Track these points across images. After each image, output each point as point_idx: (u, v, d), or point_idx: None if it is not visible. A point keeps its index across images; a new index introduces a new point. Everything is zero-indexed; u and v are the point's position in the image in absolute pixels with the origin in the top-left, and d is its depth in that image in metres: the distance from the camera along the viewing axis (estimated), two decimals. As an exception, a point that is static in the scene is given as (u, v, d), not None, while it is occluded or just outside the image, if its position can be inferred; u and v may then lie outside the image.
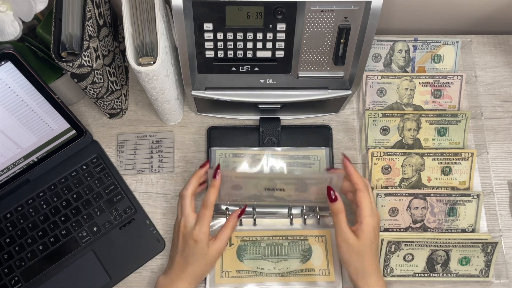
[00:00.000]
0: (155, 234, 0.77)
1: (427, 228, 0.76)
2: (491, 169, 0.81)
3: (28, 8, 0.64)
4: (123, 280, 0.75)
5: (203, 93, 0.71)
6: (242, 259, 0.75)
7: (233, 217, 0.70)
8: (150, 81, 0.65)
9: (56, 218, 0.77)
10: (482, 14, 0.88)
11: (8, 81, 0.63)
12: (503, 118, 0.85)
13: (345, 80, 0.72)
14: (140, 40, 0.65)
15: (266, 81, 0.71)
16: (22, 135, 0.71)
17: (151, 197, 0.80)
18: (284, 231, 0.76)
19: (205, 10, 0.61)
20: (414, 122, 0.80)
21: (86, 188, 0.78)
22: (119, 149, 0.81)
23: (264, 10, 0.62)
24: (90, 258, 0.76)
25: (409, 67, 0.85)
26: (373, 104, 0.83)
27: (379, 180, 0.78)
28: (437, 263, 0.74)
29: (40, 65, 0.73)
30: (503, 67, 0.88)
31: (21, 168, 0.75)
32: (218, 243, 0.68)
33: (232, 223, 0.69)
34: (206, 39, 0.65)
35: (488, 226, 0.78)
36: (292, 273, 0.74)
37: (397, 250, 0.74)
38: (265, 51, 0.67)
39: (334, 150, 0.82)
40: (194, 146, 0.82)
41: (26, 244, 0.76)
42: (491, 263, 0.74)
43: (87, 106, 0.84)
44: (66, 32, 0.64)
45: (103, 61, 0.70)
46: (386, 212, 0.76)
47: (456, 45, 0.85)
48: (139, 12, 0.65)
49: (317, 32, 0.65)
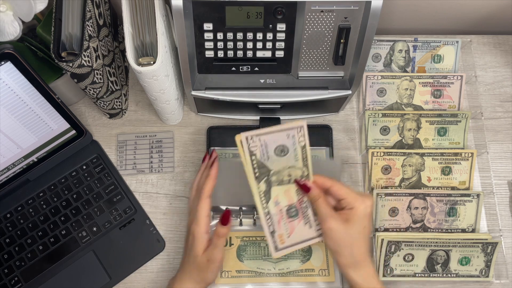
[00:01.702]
0: (155, 234, 0.77)
1: (427, 228, 0.76)
2: (491, 169, 0.81)
3: (28, 8, 0.64)
4: (123, 280, 0.75)
5: (203, 93, 0.71)
6: (242, 259, 0.75)
7: (217, 226, 0.64)
8: (150, 81, 0.65)
9: (56, 218, 0.77)
10: (482, 14, 0.88)
11: (8, 81, 0.63)
12: (503, 118, 0.85)
13: (345, 80, 0.72)
14: (140, 40, 0.65)
15: (266, 81, 0.72)
16: (22, 135, 0.71)
17: (151, 197, 0.80)
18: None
19: (205, 10, 0.61)
20: (414, 122, 0.80)
21: (86, 188, 0.78)
22: (119, 149, 0.81)
23: (264, 10, 0.62)
24: (90, 258, 0.76)
25: (409, 67, 0.85)
26: (373, 104, 0.83)
27: (379, 180, 0.78)
28: (437, 263, 0.74)
29: (40, 65, 0.73)
30: (503, 67, 0.88)
31: (21, 168, 0.75)
32: (209, 251, 0.64)
33: (219, 233, 0.64)
34: (206, 39, 0.65)
35: (488, 226, 0.78)
36: (292, 273, 0.74)
37: (397, 250, 0.74)
38: (265, 51, 0.67)
39: (334, 150, 0.82)
40: (194, 146, 0.82)
41: (26, 244, 0.75)
42: (491, 263, 0.74)
43: (87, 106, 0.84)
44: (66, 32, 0.64)
45: (103, 61, 0.70)
46: (386, 212, 0.76)
47: (456, 45, 0.85)
48: (139, 12, 0.65)
49: (317, 32, 0.65)
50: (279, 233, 0.64)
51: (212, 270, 0.64)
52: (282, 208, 0.64)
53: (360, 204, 0.61)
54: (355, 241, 0.61)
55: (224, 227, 0.63)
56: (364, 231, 0.61)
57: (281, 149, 0.61)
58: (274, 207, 0.64)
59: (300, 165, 0.63)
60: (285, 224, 0.65)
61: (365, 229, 0.61)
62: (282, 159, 0.61)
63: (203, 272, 0.64)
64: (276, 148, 0.60)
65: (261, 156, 0.60)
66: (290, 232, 0.65)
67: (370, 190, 0.78)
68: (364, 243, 0.62)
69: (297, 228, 0.65)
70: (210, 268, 0.64)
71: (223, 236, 0.64)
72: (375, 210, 0.76)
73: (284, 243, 0.65)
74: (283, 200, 0.64)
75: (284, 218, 0.64)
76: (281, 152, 0.61)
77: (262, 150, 0.60)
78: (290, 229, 0.65)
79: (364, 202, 0.61)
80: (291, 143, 0.61)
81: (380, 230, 0.76)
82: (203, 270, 0.64)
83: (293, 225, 0.65)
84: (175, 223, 0.78)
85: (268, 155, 0.61)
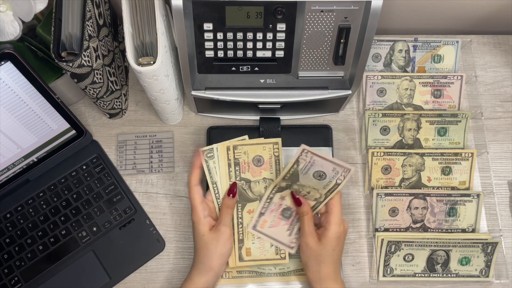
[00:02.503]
0: (155, 234, 0.77)
1: (427, 228, 0.76)
2: (491, 169, 0.81)
3: (28, 8, 0.64)
4: (123, 280, 0.75)
5: (203, 93, 0.71)
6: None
7: (225, 198, 0.70)
8: (150, 81, 0.65)
9: (56, 218, 0.77)
10: (482, 14, 0.88)
11: (8, 81, 0.63)
12: (503, 118, 0.85)
13: (345, 80, 0.72)
14: (140, 40, 0.65)
15: (266, 81, 0.71)
16: (22, 135, 0.71)
17: (151, 197, 0.80)
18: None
19: (205, 10, 0.61)
20: (414, 122, 0.80)
21: (86, 188, 0.78)
22: (119, 149, 0.81)
23: (264, 10, 0.62)
24: (90, 258, 0.76)
25: (409, 67, 0.85)
26: (373, 104, 0.83)
27: (379, 180, 0.78)
28: (437, 263, 0.74)
29: (40, 65, 0.73)
30: (503, 67, 0.88)
31: (21, 168, 0.75)
32: (216, 227, 0.68)
33: (226, 204, 0.70)
34: (206, 39, 0.65)
35: (488, 226, 0.78)
36: (293, 272, 0.74)
37: (397, 250, 0.74)
38: (265, 51, 0.67)
39: (334, 150, 0.82)
40: (194, 146, 0.82)
41: (26, 244, 0.75)
42: (491, 263, 0.74)
43: (87, 106, 0.84)
44: (66, 32, 0.64)
45: (103, 61, 0.70)
46: (386, 212, 0.76)
47: (456, 45, 0.85)
48: (139, 12, 0.65)
49: (317, 32, 0.65)
50: (265, 218, 0.71)
51: (221, 252, 0.67)
52: (282, 204, 0.71)
53: (334, 226, 0.66)
54: (323, 260, 0.66)
55: (231, 199, 0.70)
56: (333, 253, 0.66)
57: (320, 174, 0.67)
58: (278, 199, 0.71)
59: (323, 192, 0.68)
60: (274, 216, 0.71)
61: (334, 251, 0.66)
62: (314, 180, 0.67)
63: (211, 255, 0.67)
64: (317, 171, 0.66)
65: (301, 169, 0.66)
66: (274, 225, 0.71)
67: (370, 190, 0.78)
68: (331, 264, 0.66)
69: (280, 227, 0.71)
70: (219, 248, 0.67)
71: (230, 207, 0.70)
72: (375, 210, 0.76)
73: (263, 228, 0.71)
74: (288, 200, 0.71)
75: (278, 212, 0.71)
76: (319, 176, 0.67)
77: (305, 165, 0.66)
78: (275, 223, 0.71)
79: (338, 226, 0.66)
80: (331, 175, 0.66)
81: (380, 230, 0.76)
82: (211, 252, 0.67)
83: (279, 222, 0.71)
84: (175, 223, 0.78)
85: (307, 172, 0.66)
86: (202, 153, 0.71)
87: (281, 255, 0.72)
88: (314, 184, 0.68)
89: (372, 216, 0.76)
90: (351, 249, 0.77)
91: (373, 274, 0.75)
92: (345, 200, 0.80)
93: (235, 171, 0.73)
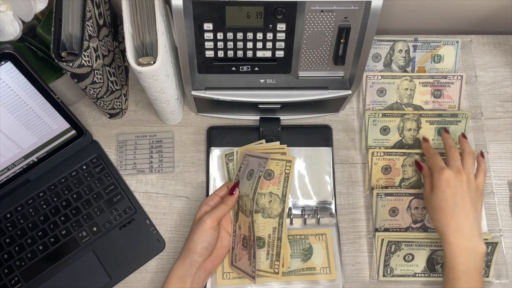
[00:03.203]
0: (155, 234, 0.77)
1: (427, 228, 0.76)
2: (491, 169, 0.81)
3: (28, 8, 0.64)
4: (123, 280, 0.75)
5: (203, 93, 0.71)
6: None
7: (228, 197, 0.71)
8: (150, 81, 0.65)
9: (56, 218, 0.77)
10: (482, 14, 0.88)
11: (8, 81, 0.63)
12: (503, 118, 0.85)
13: (345, 80, 0.72)
14: (140, 40, 0.65)
15: (266, 81, 0.72)
16: (22, 135, 0.71)
17: (151, 197, 0.80)
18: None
19: (205, 10, 0.61)
20: (414, 122, 0.80)
21: (86, 188, 0.78)
22: (119, 149, 0.81)
23: (264, 10, 0.62)
24: (90, 258, 0.76)
25: (409, 67, 0.85)
26: (373, 104, 0.83)
27: (379, 180, 0.78)
28: (437, 263, 0.74)
29: (40, 65, 0.73)
30: (503, 67, 0.88)
31: (21, 168, 0.75)
32: (210, 212, 0.69)
33: (225, 201, 0.71)
34: (206, 39, 0.65)
35: (488, 226, 0.78)
36: (293, 272, 0.74)
37: (397, 250, 0.74)
38: (265, 51, 0.67)
39: (334, 150, 0.82)
40: (194, 146, 0.82)
41: (26, 244, 0.75)
42: (491, 263, 0.74)
43: (87, 106, 0.84)
44: (66, 32, 0.64)
45: (103, 61, 0.70)
46: (386, 212, 0.76)
47: (456, 45, 0.85)
48: (139, 12, 0.65)
49: (317, 32, 0.65)
50: (235, 252, 0.72)
51: (202, 239, 0.68)
52: (242, 235, 0.72)
53: (436, 173, 0.69)
54: (438, 206, 0.67)
55: (230, 196, 0.71)
56: (445, 199, 0.67)
57: (250, 173, 0.68)
58: (238, 230, 0.72)
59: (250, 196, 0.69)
60: (240, 248, 0.72)
61: (443, 193, 0.67)
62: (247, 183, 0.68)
63: (192, 240, 0.68)
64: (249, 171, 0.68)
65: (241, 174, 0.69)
66: (240, 257, 0.72)
67: (370, 190, 0.78)
68: (448, 212, 0.66)
69: (244, 258, 0.71)
70: (200, 234, 0.67)
71: (226, 204, 0.70)
72: (375, 210, 0.76)
73: (236, 263, 0.72)
74: (243, 228, 0.72)
75: (240, 243, 0.72)
76: (249, 175, 0.68)
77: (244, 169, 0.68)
78: (240, 255, 0.72)
79: (442, 171, 0.68)
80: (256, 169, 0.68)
81: (380, 230, 0.76)
82: (192, 237, 0.68)
83: (243, 254, 0.72)
84: (175, 223, 0.78)
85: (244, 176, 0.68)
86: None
87: (275, 270, 0.72)
88: (247, 189, 0.69)
89: (372, 216, 0.76)
90: (351, 249, 0.77)
91: (373, 274, 0.75)
92: (345, 200, 0.80)
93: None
